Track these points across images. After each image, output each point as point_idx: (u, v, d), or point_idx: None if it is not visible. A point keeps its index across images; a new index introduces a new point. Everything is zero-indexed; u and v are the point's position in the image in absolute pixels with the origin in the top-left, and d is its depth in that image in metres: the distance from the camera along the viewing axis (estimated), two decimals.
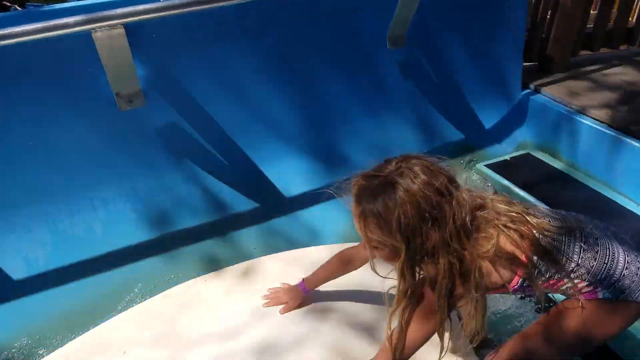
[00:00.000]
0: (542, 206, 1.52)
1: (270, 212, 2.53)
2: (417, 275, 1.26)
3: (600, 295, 1.35)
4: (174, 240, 2.32)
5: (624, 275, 1.34)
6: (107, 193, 2.21)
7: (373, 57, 2.65)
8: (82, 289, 2.10)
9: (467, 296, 1.25)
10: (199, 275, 2.21)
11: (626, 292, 1.34)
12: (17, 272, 2.07)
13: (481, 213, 1.26)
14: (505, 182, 2.72)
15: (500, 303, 2.01)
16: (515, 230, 1.27)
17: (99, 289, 2.12)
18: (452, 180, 1.22)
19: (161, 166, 2.28)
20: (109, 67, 1.90)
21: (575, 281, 1.34)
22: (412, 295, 1.26)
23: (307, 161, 2.62)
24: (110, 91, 1.99)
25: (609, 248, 1.37)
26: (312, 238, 2.50)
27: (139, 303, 2.10)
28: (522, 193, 2.62)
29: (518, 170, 2.84)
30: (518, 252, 1.27)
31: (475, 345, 1.30)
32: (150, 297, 2.14)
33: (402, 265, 1.23)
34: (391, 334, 1.32)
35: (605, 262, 1.34)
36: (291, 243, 2.49)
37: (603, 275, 1.34)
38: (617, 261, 1.35)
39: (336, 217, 2.59)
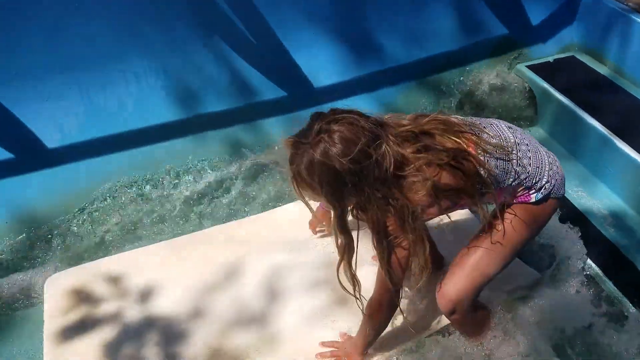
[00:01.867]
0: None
1: (297, 101, 2.65)
2: (349, 229, 1.44)
3: (532, 199, 1.57)
4: (201, 122, 2.49)
5: (550, 175, 1.57)
6: (138, 67, 2.33)
7: None
8: (112, 162, 2.32)
9: (406, 237, 1.43)
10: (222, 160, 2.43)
11: (552, 190, 1.58)
12: (52, 140, 2.27)
13: (420, 155, 1.40)
14: (545, 86, 2.79)
15: None
16: (456, 166, 1.42)
17: (127, 163, 2.34)
18: (374, 139, 1.35)
19: (192, 43, 2.38)
20: None
21: (513, 188, 1.55)
22: (349, 248, 1.45)
23: (338, 49, 2.69)
24: None
25: (537, 152, 1.58)
26: None
27: (165, 183, 2.35)
28: (561, 98, 2.70)
29: (560, 73, 2.88)
30: (461, 184, 1.43)
31: (424, 278, 1.47)
32: (177, 179, 2.39)
33: (334, 222, 1.42)
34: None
35: (537, 166, 1.55)
36: None
37: (537, 179, 1.55)
38: (544, 163, 1.57)
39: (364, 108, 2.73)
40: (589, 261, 2.07)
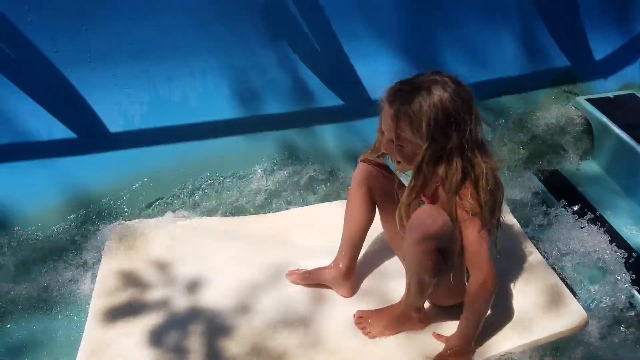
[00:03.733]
0: None
1: (353, 111, 2.66)
2: (431, 172, 1.52)
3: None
4: (259, 123, 2.53)
5: None
6: (206, 63, 2.39)
7: None
8: (171, 153, 2.36)
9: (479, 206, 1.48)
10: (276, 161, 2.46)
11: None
12: (115, 125, 2.33)
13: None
14: (604, 120, 2.75)
15: None
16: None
17: (185, 156, 2.38)
18: (473, 98, 1.46)
19: (258, 45, 2.43)
20: None
21: None
22: (422, 188, 1.54)
23: (400, 63, 2.70)
24: None
25: None
26: None
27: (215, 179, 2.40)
28: (621, 133, 2.67)
29: (620, 109, 2.84)
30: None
31: None
32: (225, 178, 2.43)
33: (422, 160, 1.47)
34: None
35: None
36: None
37: None
38: None
39: None
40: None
